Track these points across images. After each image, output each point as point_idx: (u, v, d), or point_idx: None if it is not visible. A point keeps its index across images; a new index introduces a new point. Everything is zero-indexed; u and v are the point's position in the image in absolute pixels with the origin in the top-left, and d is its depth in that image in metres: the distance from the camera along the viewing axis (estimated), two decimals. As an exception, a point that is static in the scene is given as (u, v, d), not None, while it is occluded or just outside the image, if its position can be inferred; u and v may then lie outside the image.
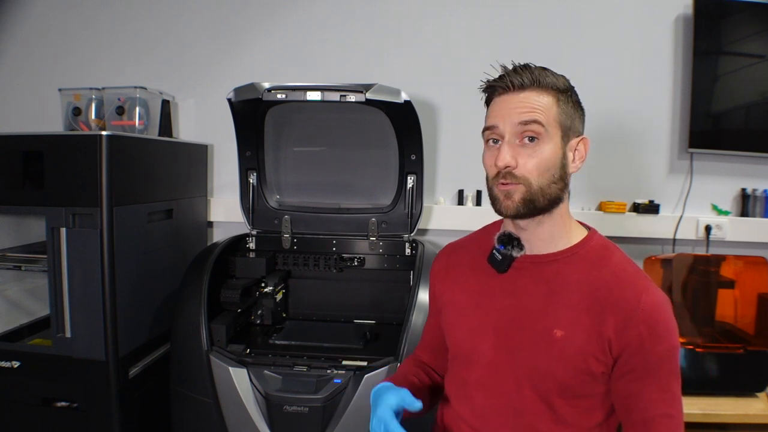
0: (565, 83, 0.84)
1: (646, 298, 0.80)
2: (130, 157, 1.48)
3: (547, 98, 0.81)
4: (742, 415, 1.51)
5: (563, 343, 0.82)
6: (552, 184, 0.82)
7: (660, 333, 0.79)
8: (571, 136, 0.84)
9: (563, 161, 0.83)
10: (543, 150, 0.80)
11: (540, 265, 0.87)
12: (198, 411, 1.39)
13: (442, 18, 1.91)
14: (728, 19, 1.80)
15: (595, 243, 0.88)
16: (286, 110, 1.71)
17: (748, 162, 1.91)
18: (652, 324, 0.79)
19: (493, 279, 0.91)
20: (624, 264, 0.86)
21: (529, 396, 0.85)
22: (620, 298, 0.81)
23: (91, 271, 1.38)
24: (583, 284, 0.83)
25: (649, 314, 0.79)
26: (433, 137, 1.94)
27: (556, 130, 0.82)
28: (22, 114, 2.01)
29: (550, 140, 0.81)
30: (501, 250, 0.89)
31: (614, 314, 0.80)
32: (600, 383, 0.83)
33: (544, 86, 0.82)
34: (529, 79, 0.81)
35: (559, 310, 0.83)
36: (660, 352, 0.79)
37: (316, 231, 1.79)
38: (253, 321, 1.66)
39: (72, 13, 2.01)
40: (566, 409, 0.84)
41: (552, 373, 0.83)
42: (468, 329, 0.93)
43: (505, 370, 0.87)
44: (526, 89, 0.82)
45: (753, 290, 1.63)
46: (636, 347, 0.79)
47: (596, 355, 0.81)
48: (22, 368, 1.44)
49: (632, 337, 0.79)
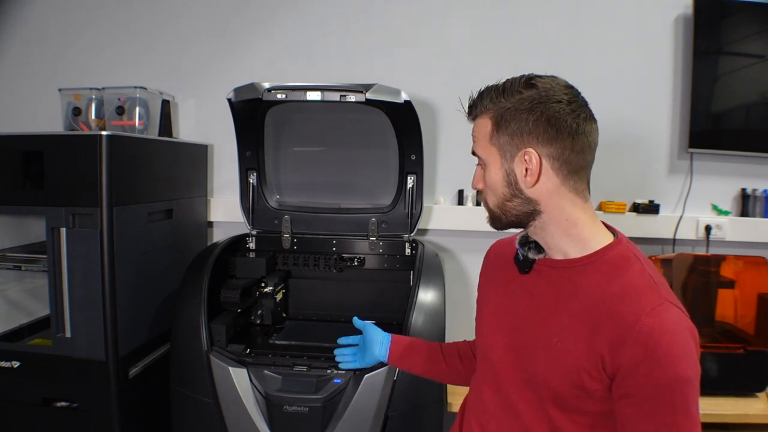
0: (508, 102, 0.81)
1: (648, 319, 0.73)
2: (130, 157, 1.48)
3: (486, 124, 0.84)
4: (742, 415, 1.51)
5: (559, 353, 0.80)
6: (506, 202, 0.85)
7: (659, 359, 0.71)
8: (514, 152, 0.82)
9: (509, 179, 0.83)
10: (487, 173, 0.86)
11: (556, 270, 0.86)
12: (198, 411, 1.39)
13: (443, 18, 1.91)
14: (728, 19, 1.80)
15: (616, 253, 0.83)
16: (286, 110, 1.71)
17: (748, 162, 1.91)
18: (650, 347, 0.71)
19: (517, 279, 0.91)
20: (638, 278, 0.79)
21: (530, 400, 0.85)
22: (619, 313, 0.75)
23: (91, 271, 1.38)
24: (590, 295, 0.80)
25: (647, 336, 0.72)
26: (433, 137, 1.94)
27: (492, 153, 0.84)
28: (22, 114, 2.01)
29: (489, 164, 0.85)
30: (520, 250, 0.91)
31: (609, 330, 0.75)
32: (595, 401, 0.79)
33: (486, 111, 0.85)
34: (476, 109, 0.87)
35: (562, 319, 0.82)
36: (660, 382, 0.71)
37: (316, 231, 1.79)
38: (253, 321, 1.66)
39: (72, 13, 2.01)
40: (562, 420, 0.82)
41: (547, 381, 0.82)
42: (490, 327, 0.95)
43: (511, 370, 0.88)
44: (476, 118, 0.88)
45: (753, 290, 1.63)
46: (630, 370, 0.73)
47: (590, 371, 0.77)
48: (22, 368, 1.44)
49: (625, 358, 0.73)
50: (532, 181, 0.81)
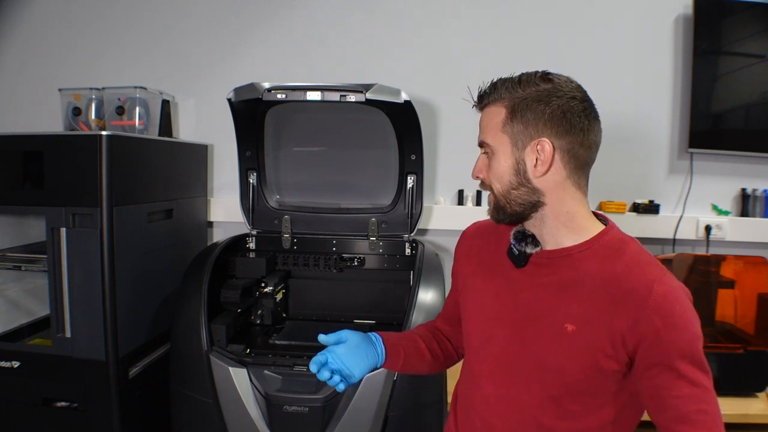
0: (525, 92, 0.84)
1: (658, 287, 0.77)
2: (130, 157, 1.48)
3: (500, 113, 0.85)
4: (742, 415, 1.50)
5: (573, 338, 0.82)
6: (512, 191, 0.86)
7: (677, 323, 0.76)
8: (526, 141, 0.84)
9: (517, 168, 0.85)
10: (495, 161, 0.87)
11: (555, 260, 0.88)
12: (198, 411, 1.39)
13: (443, 18, 1.91)
14: (728, 19, 1.80)
15: (611, 237, 0.87)
16: (286, 110, 1.71)
17: (748, 162, 1.91)
18: (667, 314, 0.76)
19: (512, 272, 0.92)
20: (638, 255, 0.84)
21: (536, 390, 0.86)
22: (631, 289, 0.79)
23: (91, 271, 1.38)
24: (595, 278, 0.83)
25: (662, 304, 0.77)
26: (433, 137, 1.94)
27: (503, 141, 0.85)
28: (22, 114, 2.01)
29: (499, 152, 0.86)
30: (516, 246, 0.91)
31: (625, 307, 0.79)
32: (611, 382, 0.82)
33: (499, 100, 0.86)
34: (488, 98, 0.87)
35: (570, 305, 0.83)
36: (681, 344, 0.76)
37: (316, 231, 1.79)
38: (253, 321, 1.66)
39: (72, 13, 2.01)
40: (573, 405, 0.84)
41: (560, 369, 0.83)
42: (484, 319, 0.94)
43: (515, 362, 0.88)
44: (486, 106, 0.88)
45: (753, 290, 1.62)
46: (653, 340, 0.77)
47: (606, 351, 0.80)
48: (22, 368, 1.44)
49: (647, 329, 0.77)
50: (542, 170, 0.84)
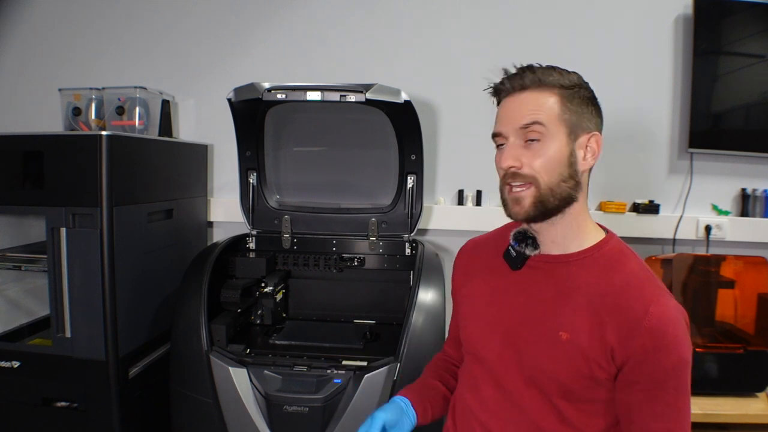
0: (572, 80, 0.83)
1: (654, 309, 0.77)
2: (130, 157, 1.48)
3: (550, 97, 0.81)
4: (742, 415, 1.51)
5: (567, 346, 0.81)
6: (561, 183, 0.82)
7: (667, 346, 0.76)
8: (579, 133, 0.82)
9: (571, 159, 0.82)
10: (548, 149, 0.81)
11: (552, 266, 0.87)
12: (198, 411, 1.39)
13: (443, 18, 1.91)
14: (728, 19, 1.80)
15: (611, 247, 0.86)
16: (286, 110, 1.71)
17: (748, 162, 1.90)
18: (659, 336, 0.76)
19: (508, 276, 0.91)
20: (638, 271, 0.83)
21: (534, 395, 0.85)
22: (627, 306, 0.79)
23: (91, 271, 1.38)
24: (592, 288, 0.82)
25: (655, 326, 0.76)
26: (433, 137, 1.94)
27: (560, 128, 0.81)
28: (22, 114, 2.01)
29: (555, 138, 0.81)
30: (515, 247, 0.89)
31: (618, 322, 0.78)
32: (604, 389, 0.82)
33: (547, 85, 0.82)
34: (530, 79, 0.82)
35: (565, 313, 0.83)
36: (667, 367, 0.77)
37: (316, 231, 1.79)
38: (253, 321, 1.66)
39: (72, 13, 2.01)
40: (570, 411, 0.83)
41: (555, 375, 0.82)
42: (480, 324, 0.94)
43: (512, 367, 0.87)
44: (527, 89, 0.83)
45: (753, 290, 1.63)
46: (640, 358, 0.77)
47: (599, 361, 0.79)
48: (22, 368, 1.44)
49: (636, 348, 0.77)
50: (590, 165, 0.84)
